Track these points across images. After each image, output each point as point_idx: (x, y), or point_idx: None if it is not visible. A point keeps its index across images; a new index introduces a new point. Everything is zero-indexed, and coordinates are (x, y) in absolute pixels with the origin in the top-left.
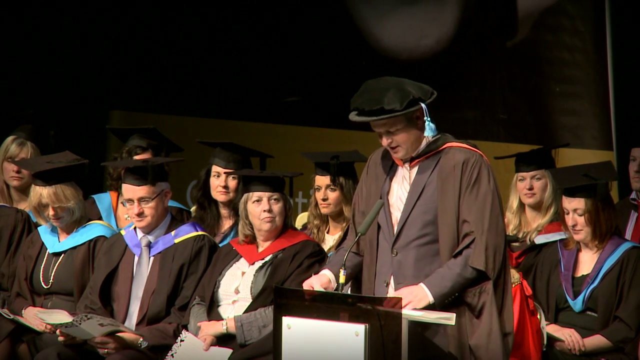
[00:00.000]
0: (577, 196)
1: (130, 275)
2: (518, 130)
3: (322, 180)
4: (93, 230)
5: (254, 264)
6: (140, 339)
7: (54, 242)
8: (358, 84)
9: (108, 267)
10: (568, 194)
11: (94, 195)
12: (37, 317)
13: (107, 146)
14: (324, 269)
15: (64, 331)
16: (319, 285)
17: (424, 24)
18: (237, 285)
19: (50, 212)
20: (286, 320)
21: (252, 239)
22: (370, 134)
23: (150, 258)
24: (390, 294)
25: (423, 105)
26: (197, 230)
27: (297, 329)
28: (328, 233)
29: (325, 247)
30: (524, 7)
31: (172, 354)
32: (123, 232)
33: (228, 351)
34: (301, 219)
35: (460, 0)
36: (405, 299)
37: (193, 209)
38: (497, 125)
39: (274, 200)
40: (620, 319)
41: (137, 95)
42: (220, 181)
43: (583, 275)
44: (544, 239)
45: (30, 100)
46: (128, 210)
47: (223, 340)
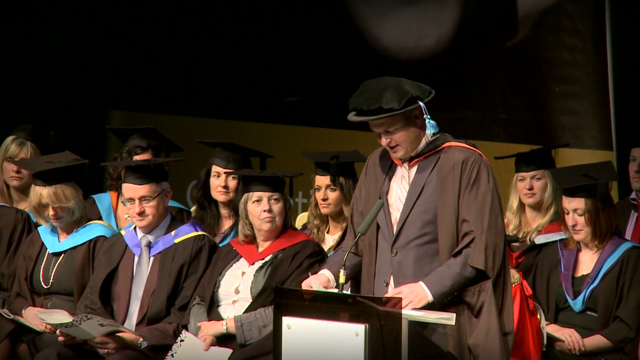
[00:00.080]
0: (577, 196)
1: (130, 275)
2: (518, 130)
3: (322, 180)
4: (93, 230)
5: (254, 264)
6: (140, 339)
7: (54, 242)
8: (358, 84)
9: (108, 267)
10: (568, 193)
11: (94, 195)
12: (37, 317)
13: (107, 146)
14: (322, 269)
15: (64, 331)
16: (318, 285)
17: (424, 24)
18: (237, 285)
19: (50, 212)
20: (286, 320)
21: (252, 239)
22: (370, 134)
23: (150, 258)
24: (390, 294)
25: (421, 104)
26: (197, 230)
27: (297, 329)
28: (328, 233)
29: (325, 247)
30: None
31: (172, 354)
32: (123, 232)
33: (228, 351)
34: (301, 219)
35: (460, 0)
36: (405, 297)
37: (193, 209)
38: (497, 125)
39: (274, 200)
40: (620, 319)
41: (137, 95)
42: (220, 181)
43: (583, 275)
44: (544, 239)
45: (30, 100)
46: (129, 209)
47: (223, 340)
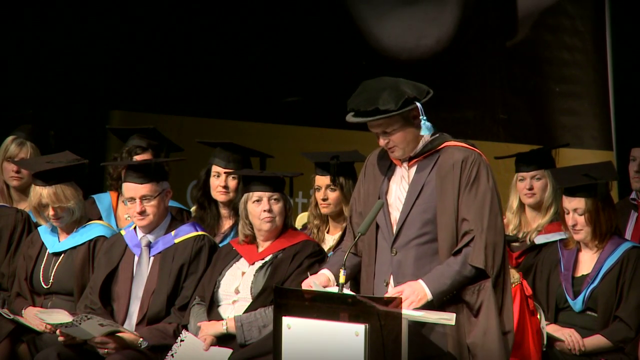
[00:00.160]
0: (578, 196)
1: (130, 275)
2: (518, 130)
3: (322, 180)
4: (93, 230)
5: (254, 264)
6: (140, 339)
7: (54, 242)
8: (358, 84)
9: (108, 267)
10: (568, 193)
11: (94, 195)
12: (37, 317)
13: (107, 146)
14: (322, 269)
15: (64, 331)
16: (318, 285)
17: (424, 24)
18: (237, 285)
19: (50, 212)
20: (286, 320)
21: (252, 239)
22: (370, 134)
23: (150, 258)
24: (390, 294)
25: (418, 105)
26: (197, 230)
27: (297, 329)
28: (328, 233)
29: (325, 247)
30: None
31: (172, 354)
32: (123, 232)
33: (228, 351)
34: (301, 219)
35: (460, 0)
36: (407, 297)
37: (193, 209)
38: (497, 125)
39: (274, 200)
40: (620, 318)
41: (137, 95)
42: (220, 181)
43: (583, 275)
44: (544, 239)
45: (30, 100)
46: (129, 209)
47: (223, 340)
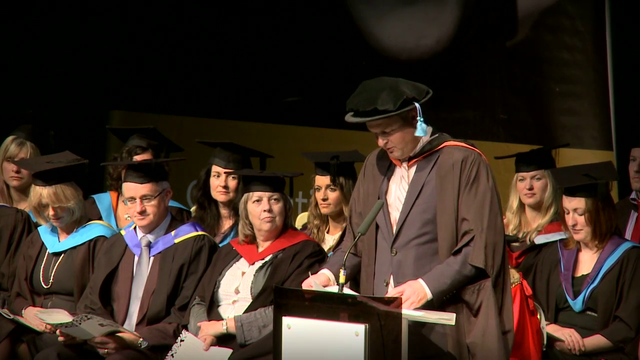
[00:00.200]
0: (578, 196)
1: (130, 275)
2: (518, 130)
3: (322, 180)
4: (93, 230)
5: (254, 264)
6: (140, 339)
7: (54, 242)
8: (358, 84)
9: (108, 267)
10: (568, 193)
11: (94, 195)
12: (37, 317)
13: (107, 146)
14: (322, 269)
15: (64, 331)
16: (318, 284)
17: (424, 24)
18: (237, 285)
19: (50, 212)
20: (286, 320)
21: (252, 239)
22: (370, 134)
23: (150, 258)
24: (390, 294)
25: (417, 105)
26: (197, 230)
27: (297, 329)
28: (328, 233)
29: (325, 247)
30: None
31: (172, 354)
32: (123, 232)
33: (228, 351)
34: (301, 219)
35: (460, 0)
36: (407, 297)
37: (193, 209)
38: (497, 125)
39: (274, 200)
40: (620, 318)
41: (137, 95)
42: (220, 181)
43: (583, 275)
44: (544, 239)
45: (30, 100)
46: (129, 209)
47: (223, 340)
